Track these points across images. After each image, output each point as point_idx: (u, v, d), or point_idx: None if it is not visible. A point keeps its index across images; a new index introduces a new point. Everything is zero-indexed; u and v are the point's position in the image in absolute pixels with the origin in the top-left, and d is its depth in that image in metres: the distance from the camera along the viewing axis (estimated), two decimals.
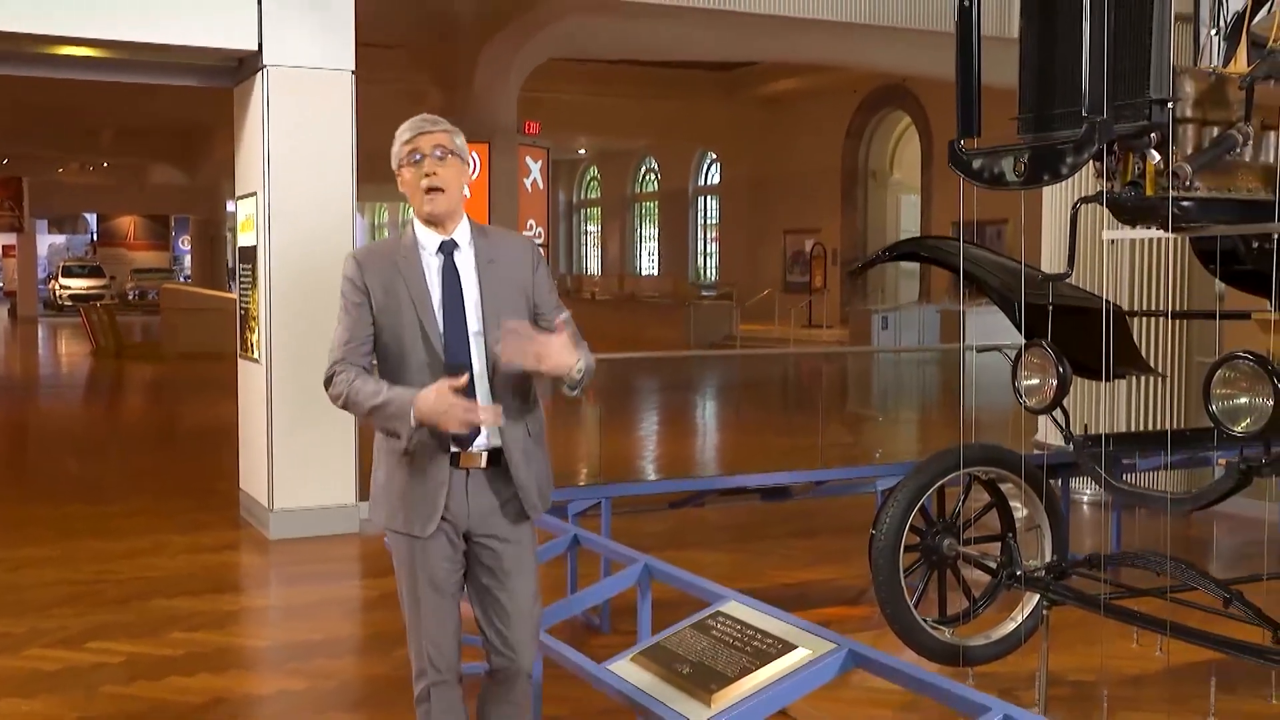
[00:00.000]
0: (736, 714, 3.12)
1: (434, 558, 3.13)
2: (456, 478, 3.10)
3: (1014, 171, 3.70)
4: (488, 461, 3.12)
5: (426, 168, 3.09)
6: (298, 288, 7.41)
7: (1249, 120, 3.76)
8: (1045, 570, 4.38)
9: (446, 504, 3.09)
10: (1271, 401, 3.52)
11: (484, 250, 3.18)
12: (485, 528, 3.15)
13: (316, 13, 7.36)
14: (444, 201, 3.11)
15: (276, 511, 7.40)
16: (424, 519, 3.10)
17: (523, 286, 3.21)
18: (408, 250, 3.16)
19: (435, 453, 3.07)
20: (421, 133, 3.12)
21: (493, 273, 3.16)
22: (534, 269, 3.25)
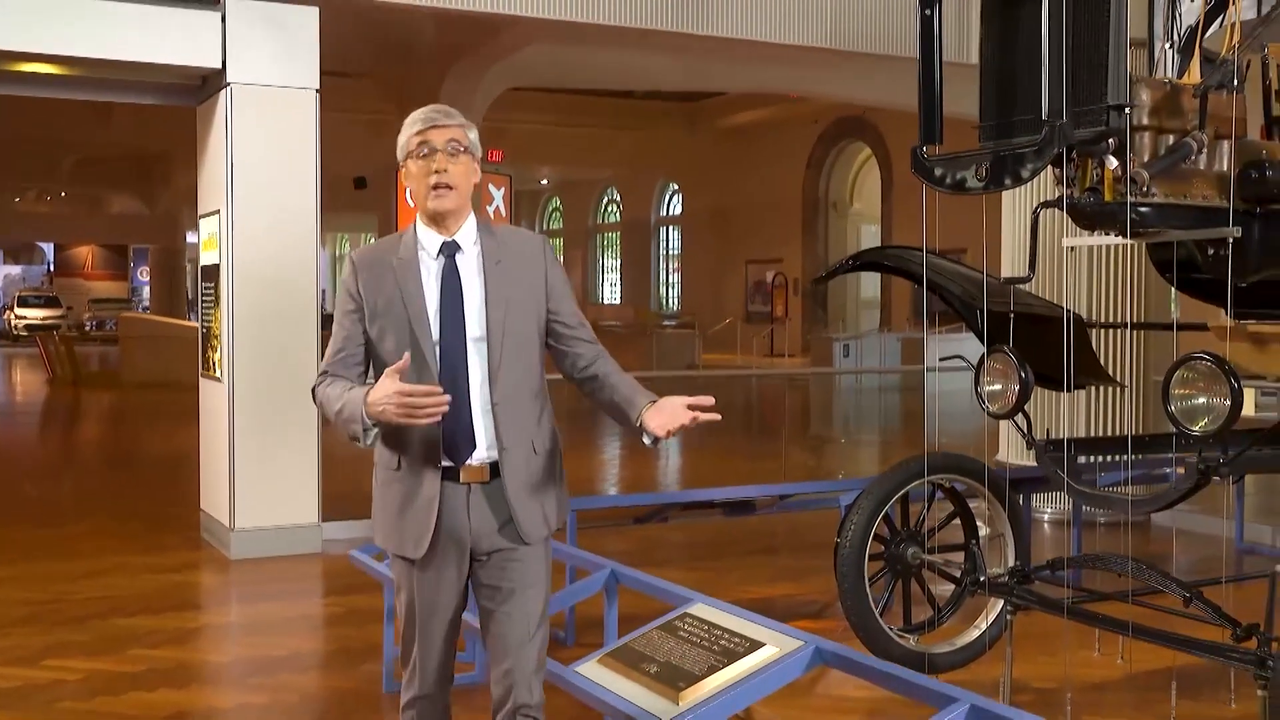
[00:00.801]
0: (705, 710, 3.12)
1: (430, 581, 2.95)
2: (457, 493, 2.91)
3: (976, 176, 3.75)
4: (491, 475, 2.93)
5: (437, 163, 2.89)
6: (261, 306, 7.39)
7: (1203, 128, 3.84)
8: (1009, 575, 4.41)
9: (446, 521, 2.90)
10: (1229, 401, 3.58)
11: (491, 251, 2.97)
12: (489, 545, 2.94)
13: (281, 31, 7.37)
14: (452, 199, 2.91)
15: (238, 531, 7.34)
16: (415, 539, 2.92)
17: (534, 289, 3.00)
18: (406, 252, 2.96)
19: (424, 468, 2.90)
20: (434, 125, 2.93)
21: (500, 274, 2.96)
22: (546, 269, 3.03)
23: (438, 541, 2.91)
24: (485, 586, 2.97)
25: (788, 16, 8.75)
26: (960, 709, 2.77)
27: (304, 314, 7.49)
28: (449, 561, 2.94)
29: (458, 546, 2.93)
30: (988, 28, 3.96)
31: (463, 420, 2.88)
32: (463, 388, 2.88)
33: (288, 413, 7.42)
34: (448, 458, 2.88)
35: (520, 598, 2.95)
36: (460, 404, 2.86)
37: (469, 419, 2.89)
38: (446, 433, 2.87)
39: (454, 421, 2.86)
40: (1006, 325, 4.32)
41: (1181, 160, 3.83)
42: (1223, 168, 3.98)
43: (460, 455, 2.89)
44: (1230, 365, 3.58)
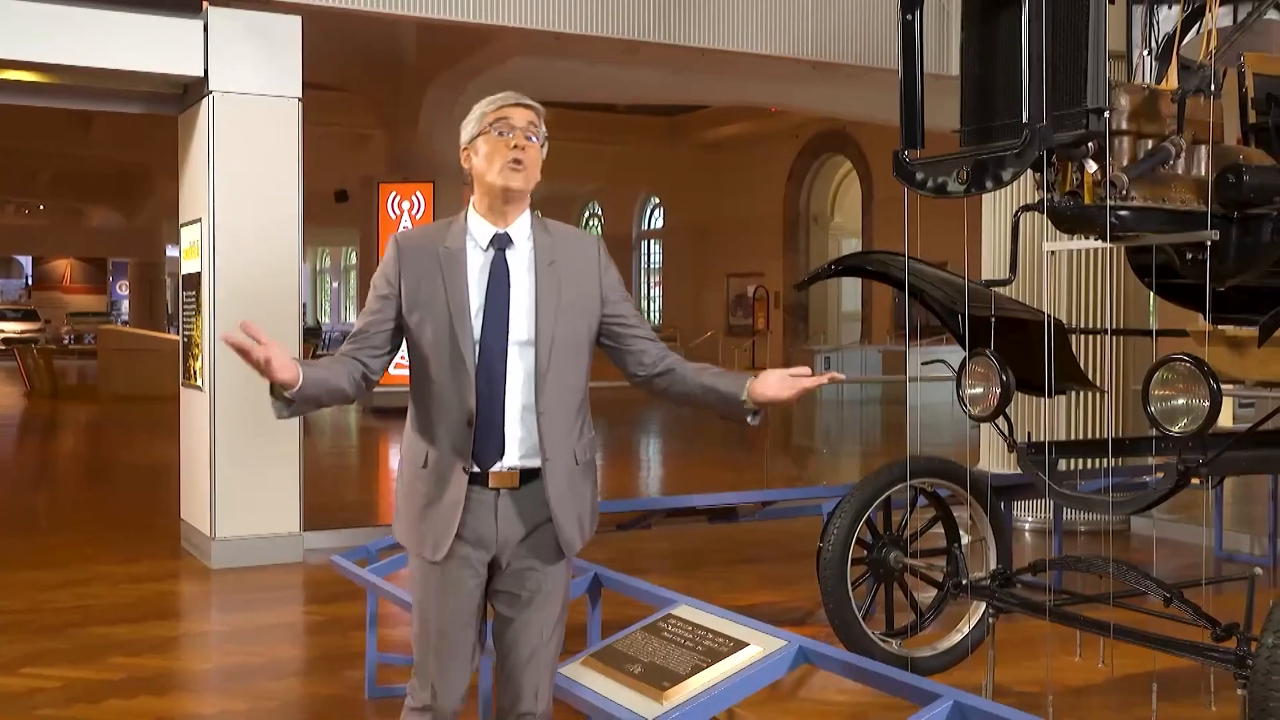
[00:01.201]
0: (690, 709, 3.12)
1: (450, 586, 2.84)
2: (485, 499, 2.80)
3: (957, 180, 3.78)
4: (521, 481, 2.81)
5: (516, 140, 2.79)
6: (243, 314, 7.32)
7: (1182, 132, 3.88)
8: (991, 579, 4.43)
9: (471, 526, 2.80)
10: (1208, 402, 3.61)
11: (545, 248, 2.86)
12: (513, 554, 2.83)
13: (263, 40, 7.37)
14: (524, 179, 2.80)
15: (219, 540, 7.30)
16: (435, 542, 2.81)
17: (588, 293, 2.88)
18: (455, 241, 2.84)
19: (452, 469, 2.79)
20: (518, 103, 2.83)
21: (552, 276, 2.83)
22: (602, 271, 2.93)
23: (460, 546, 2.81)
24: (504, 594, 2.88)
25: (770, 28, 8.79)
26: (944, 705, 2.78)
27: (286, 322, 7.46)
28: (470, 567, 2.83)
29: (480, 553, 2.83)
30: (968, 34, 3.99)
31: (495, 424, 2.78)
32: (499, 391, 2.77)
33: (269, 422, 7.24)
34: (475, 462, 2.78)
35: (539, 608, 2.86)
36: (494, 408, 2.76)
37: (501, 424, 2.78)
38: (477, 436, 2.77)
39: (485, 425, 2.76)
40: (988, 330, 4.35)
41: (1160, 164, 3.87)
42: (1200, 172, 4.02)
43: (488, 460, 2.79)
44: (1209, 367, 3.61)
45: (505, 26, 8.10)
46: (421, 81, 17.15)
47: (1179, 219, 3.94)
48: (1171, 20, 4.45)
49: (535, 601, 2.86)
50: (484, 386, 2.75)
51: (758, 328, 27.67)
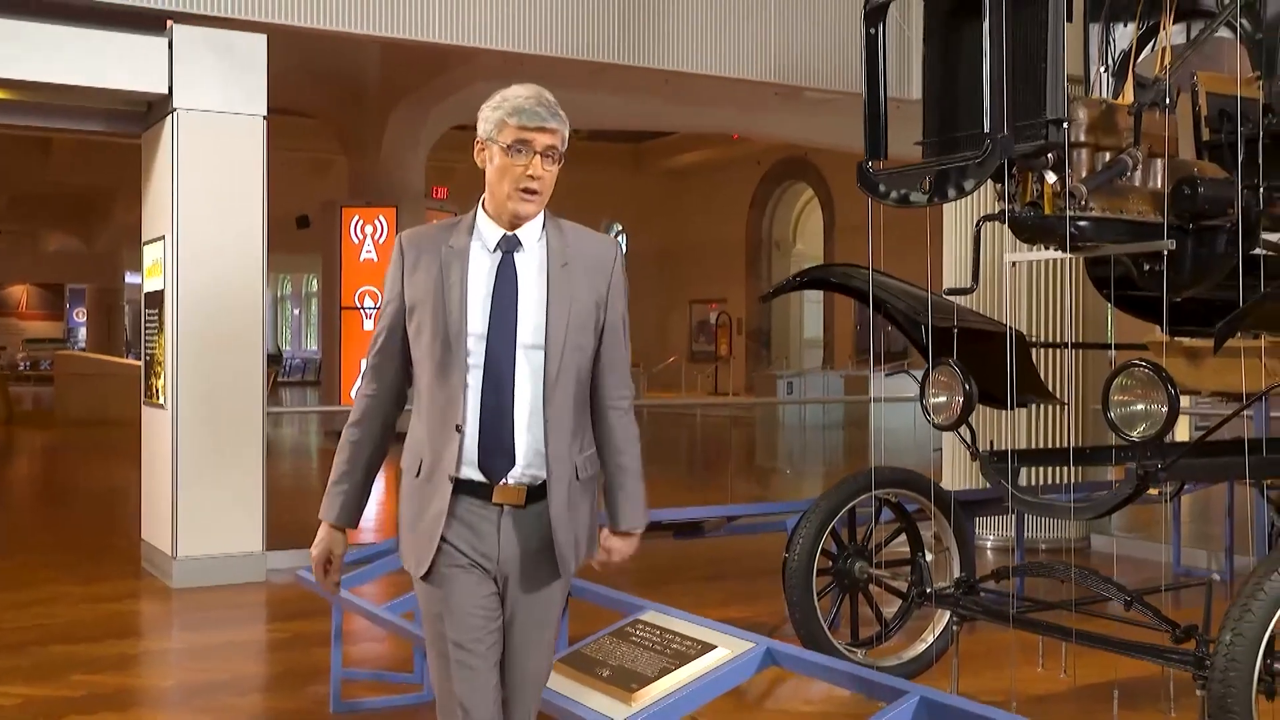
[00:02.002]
0: (659, 710, 3.13)
1: (460, 593, 2.65)
2: (489, 515, 2.64)
3: (920, 190, 3.84)
4: (527, 499, 2.66)
5: (533, 168, 2.63)
6: (206, 332, 7.33)
7: (1138, 144, 3.96)
8: (955, 587, 4.47)
9: (474, 545, 2.64)
10: (1166, 408, 3.67)
11: (558, 250, 2.70)
12: (513, 574, 2.68)
13: (228, 58, 7.37)
14: (536, 205, 2.67)
15: (180, 559, 7.24)
16: (418, 557, 2.65)
17: (597, 299, 2.71)
18: (459, 240, 2.68)
19: (439, 479, 2.63)
20: (543, 128, 2.62)
21: (565, 278, 2.67)
22: (610, 281, 2.75)
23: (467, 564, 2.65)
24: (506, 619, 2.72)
25: (734, 52, 8.87)
26: (910, 700, 2.81)
27: (249, 340, 7.44)
28: (485, 586, 2.67)
29: (486, 573, 2.66)
30: (930, 48, 4.07)
31: (504, 435, 2.62)
32: (507, 399, 2.62)
33: (232, 439, 7.36)
34: (483, 474, 2.63)
35: (536, 630, 2.72)
36: (503, 417, 2.62)
37: (510, 434, 2.63)
38: (485, 447, 2.61)
39: (494, 436, 2.61)
40: (950, 341, 4.40)
41: (1118, 176, 3.96)
42: (1157, 184, 4.10)
43: (497, 473, 2.63)
44: (1167, 373, 3.68)
45: (469, 47, 8.14)
46: (385, 106, 17.17)
47: (1137, 229, 4.02)
48: (1127, 37, 4.55)
49: (532, 623, 2.71)
50: (490, 393, 2.61)
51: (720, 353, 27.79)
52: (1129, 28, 4.54)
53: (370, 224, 17.03)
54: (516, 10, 8.06)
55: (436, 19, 7.83)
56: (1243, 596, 3.27)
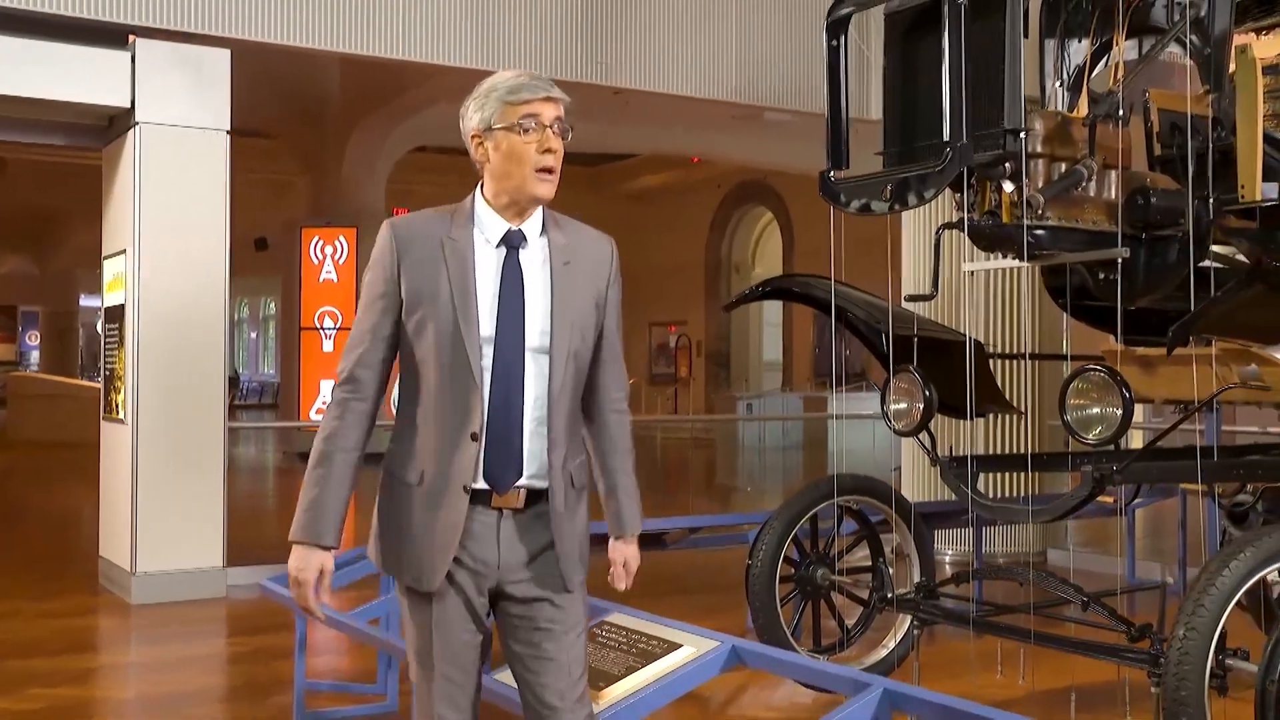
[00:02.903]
0: (624, 707, 3.16)
1: (452, 616, 2.54)
2: (488, 520, 2.52)
3: (881, 198, 3.92)
4: (526, 502, 2.54)
5: (547, 141, 2.48)
6: (167, 346, 7.31)
7: (1093, 155, 4.06)
8: (915, 591, 4.53)
9: (472, 550, 2.51)
10: (1120, 410, 3.76)
11: (560, 248, 2.58)
12: (517, 583, 2.55)
13: (191, 72, 7.37)
14: (554, 185, 2.54)
15: (139, 575, 7.18)
16: (431, 568, 2.50)
17: (596, 299, 2.61)
18: (460, 231, 2.53)
19: (452, 488, 2.49)
20: (548, 97, 2.50)
21: (568, 278, 2.55)
22: (609, 282, 2.65)
23: (459, 571, 2.52)
24: (518, 629, 2.58)
25: (693, 71, 8.96)
26: (874, 693, 2.86)
27: (211, 354, 7.42)
28: (471, 596, 2.54)
29: (479, 580, 2.54)
30: (890, 60, 4.16)
31: (513, 443, 2.50)
32: (516, 405, 2.49)
33: (193, 454, 7.33)
34: (487, 482, 2.50)
35: (559, 642, 2.56)
36: (513, 423, 2.49)
37: (519, 442, 2.50)
38: (491, 453, 2.48)
39: (500, 441, 2.48)
40: (910, 350, 4.48)
41: (1074, 186, 4.05)
42: (1111, 195, 4.20)
43: (504, 481, 2.51)
44: (1121, 376, 3.76)
45: (429, 64, 8.18)
46: (345, 127, 17.16)
47: (1092, 238, 4.11)
48: (1081, 53, 4.66)
49: (554, 635, 2.56)
50: (499, 398, 2.48)
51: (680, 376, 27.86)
52: (1083, 43, 4.66)
53: (330, 244, 16.98)
54: (477, 27, 8.12)
55: (397, 35, 7.87)
56: (1195, 592, 3.34)
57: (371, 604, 4.78)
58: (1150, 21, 4.50)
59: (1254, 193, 4.17)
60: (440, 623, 2.53)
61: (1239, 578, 3.32)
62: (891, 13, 4.06)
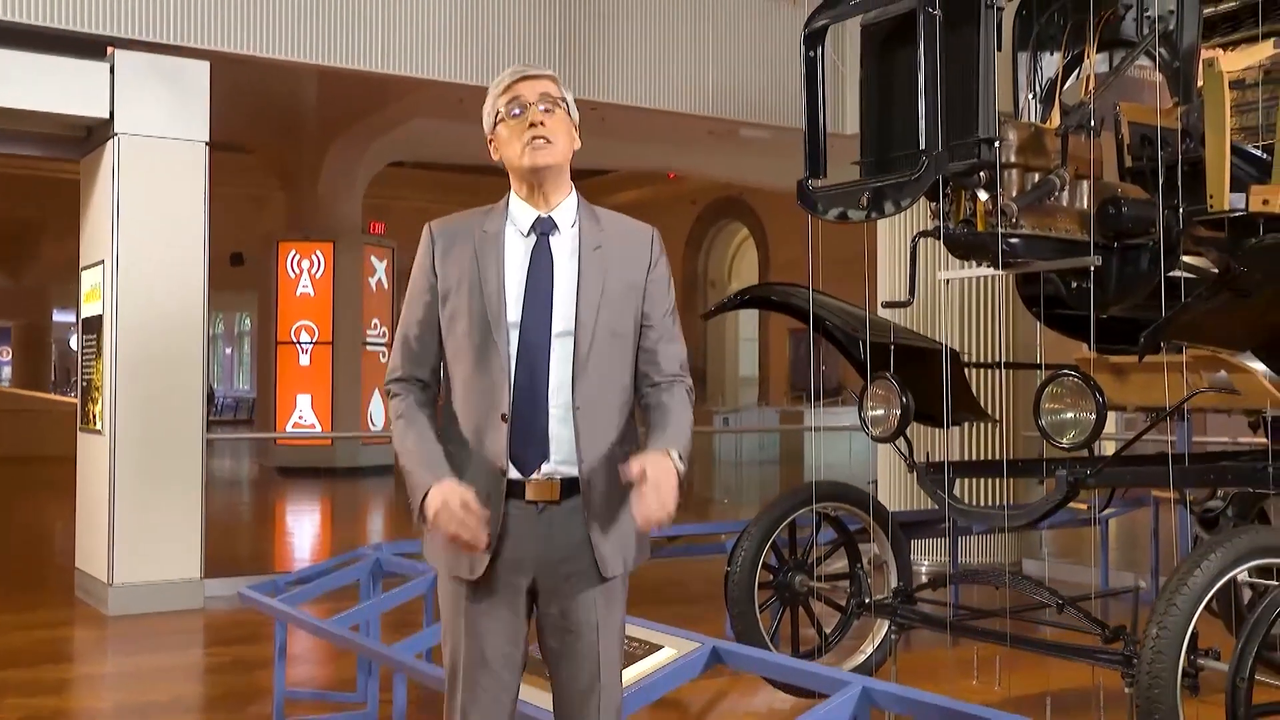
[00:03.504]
0: None
1: (489, 609, 2.52)
2: (524, 513, 2.50)
3: (858, 206, 3.97)
4: (562, 495, 2.51)
5: (532, 116, 2.54)
6: (145, 357, 7.30)
7: (1065, 165, 4.13)
8: (893, 596, 4.58)
9: (509, 545, 2.50)
10: (1094, 415, 3.82)
11: (591, 233, 2.59)
12: (553, 578, 2.52)
13: (170, 84, 7.38)
14: (552, 153, 2.55)
15: (116, 586, 7.15)
16: (471, 559, 2.49)
17: (633, 284, 2.59)
18: (493, 224, 2.59)
19: (489, 478, 2.49)
20: (523, 77, 2.58)
21: (596, 261, 2.56)
22: (649, 267, 2.62)
23: (497, 566, 2.50)
24: (550, 624, 2.56)
25: (672, 86, 9.04)
26: (853, 690, 2.90)
27: (190, 365, 7.42)
28: (506, 593, 2.52)
29: (517, 575, 2.52)
30: (867, 71, 4.22)
31: (537, 426, 2.50)
32: (541, 390, 2.50)
33: (171, 465, 7.32)
34: (515, 468, 2.50)
35: (588, 639, 2.53)
36: (537, 408, 2.49)
37: (544, 424, 2.50)
38: (516, 439, 2.49)
39: (526, 425, 2.48)
40: (887, 358, 4.54)
41: (1046, 195, 4.12)
42: (1083, 205, 4.28)
43: (529, 466, 2.50)
44: (1095, 381, 3.83)
45: (408, 77, 8.22)
46: (323, 142, 17.17)
47: (1065, 247, 4.18)
48: (1054, 65, 4.74)
49: (583, 633, 2.53)
50: (524, 381, 2.49)
51: None
52: (1055, 56, 4.74)
53: (307, 258, 16.98)
54: (455, 41, 8.17)
55: (377, 49, 7.92)
56: (1167, 592, 3.40)
57: (351, 610, 4.79)
58: (1120, 35, 4.58)
59: (1222, 203, 4.26)
60: (473, 620, 2.52)
61: (1210, 577, 3.38)
62: (868, 24, 4.12)
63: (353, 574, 5.42)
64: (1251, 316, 3.86)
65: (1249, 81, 5.01)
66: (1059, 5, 4.76)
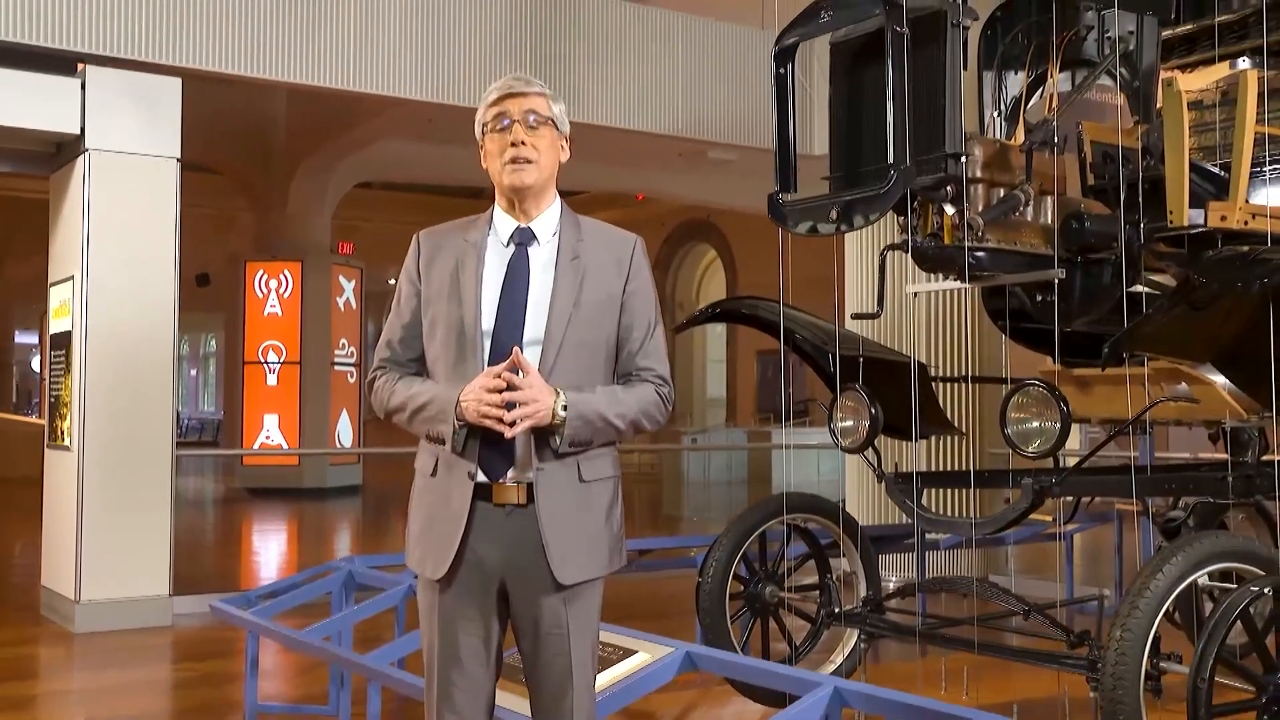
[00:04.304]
0: None
1: (453, 613, 2.57)
2: (492, 516, 2.54)
3: (827, 219, 4.05)
4: (530, 499, 2.54)
5: (514, 135, 2.59)
6: (115, 373, 7.28)
7: (1030, 181, 4.22)
8: (862, 605, 4.63)
9: (474, 547, 2.53)
10: (1059, 424, 3.90)
11: (569, 245, 2.63)
12: (522, 579, 2.56)
13: (142, 100, 7.39)
14: (531, 174, 2.59)
15: (83, 603, 7.11)
16: (436, 558, 2.55)
17: (610, 294, 2.62)
18: (476, 234, 2.65)
19: (458, 480, 2.55)
20: (510, 94, 2.62)
21: (572, 271, 2.59)
22: (627, 278, 2.64)
23: (464, 568, 2.55)
24: (520, 627, 2.61)
25: (642, 106, 9.13)
26: (825, 690, 2.94)
27: (160, 381, 7.41)
28: (476, 592, 2.56)
29: (484, 578, 2.56)
30: (835, 89, 4.30)
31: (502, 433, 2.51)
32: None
33: (140, 482, 7.29)
34: (482, 472, 2.54)
35: (548, 654, 2.57)
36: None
37: None
38: (485, 445, 2.53)
39: (495, 434, 2.49)
40: (856, 370, 4.61)
41: (1011, 210, 4.21)
42: (1047, 220, 4.37)
43: (495, 471, 2.54)
44: (1060, 391, 3.91)
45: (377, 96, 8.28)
46: (291, 162, 17.16)
47: (1029, 261, 4.27)
48: (1018, 84, 4.84)
49: (553, 635, 2.56)
50: None
51: None
52: (1019, 75, 4.84)
53: (275, 278, 16.93)
54: (425, 60, 8.24)
55: (347, 67, 7.97)
56: (1130, 595, 3.47)
57: (324, 622, 4.79)
58: (1083, 55, 4.68)
59: (1182, 219, 4.36)
60: (444, 618, 2.57)
61: (1172, 581, 3.46)
62: (837, 42, 4.20)
63: (324, 586, 5.43)
64: (1210, 328, 3.95)
65: (1207, 103, 5.13)
66: (1023, 26, 4.87)
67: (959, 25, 3.93)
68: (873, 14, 3.98)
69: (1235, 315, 3.89)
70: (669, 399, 2.68)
